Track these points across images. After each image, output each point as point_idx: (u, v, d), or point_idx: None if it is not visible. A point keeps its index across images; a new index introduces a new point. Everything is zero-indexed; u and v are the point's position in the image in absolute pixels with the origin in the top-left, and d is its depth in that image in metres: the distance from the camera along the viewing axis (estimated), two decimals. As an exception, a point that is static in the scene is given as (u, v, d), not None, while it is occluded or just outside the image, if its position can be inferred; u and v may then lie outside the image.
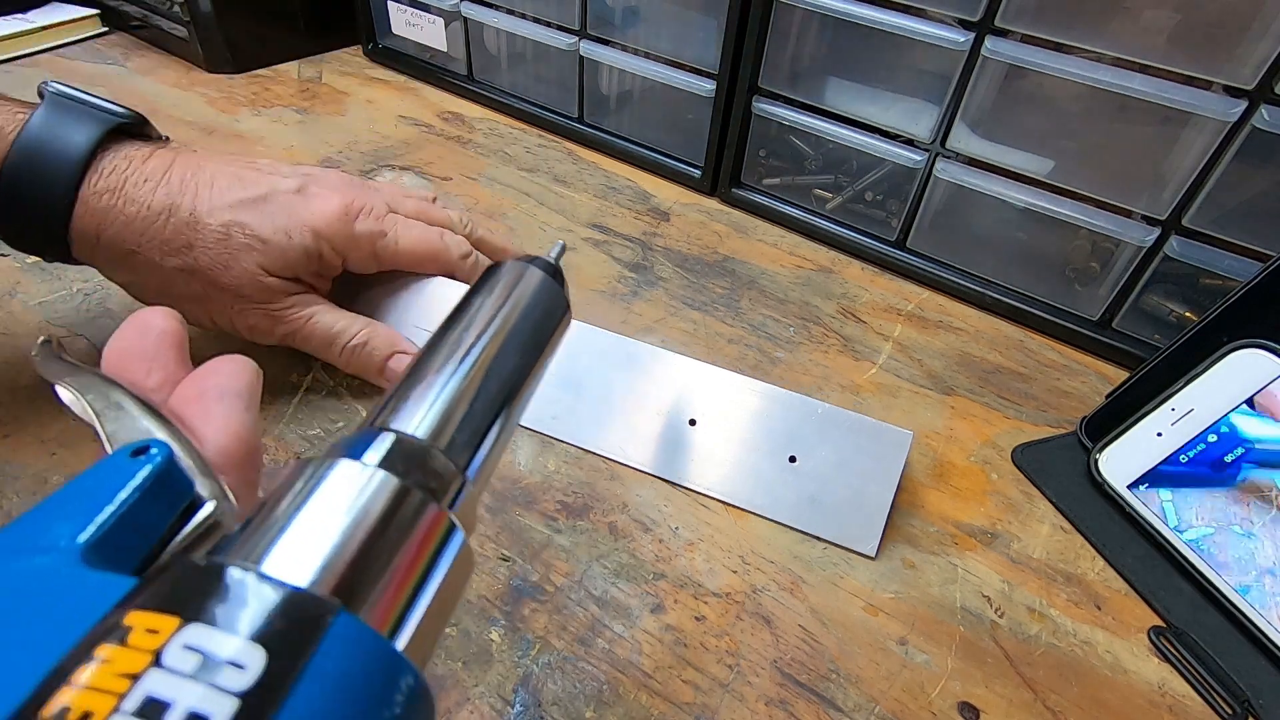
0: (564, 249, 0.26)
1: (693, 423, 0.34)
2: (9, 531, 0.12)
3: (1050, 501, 0.36)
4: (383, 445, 0.15)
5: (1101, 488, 0.35)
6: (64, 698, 0.09)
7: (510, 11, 0.61)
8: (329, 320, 0.35)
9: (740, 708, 0.26)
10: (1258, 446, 0.32)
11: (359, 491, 0.13)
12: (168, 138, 0.35)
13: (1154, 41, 0.37)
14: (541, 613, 0.29)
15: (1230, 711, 0.28)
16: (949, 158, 0.46)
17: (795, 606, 0.30)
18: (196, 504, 0.14)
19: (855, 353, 0.43)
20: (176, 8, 0.64)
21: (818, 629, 0.29)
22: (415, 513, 0.13)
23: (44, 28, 0.67)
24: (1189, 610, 0.31)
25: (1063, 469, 0.37)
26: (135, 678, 0.09)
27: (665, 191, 0.58)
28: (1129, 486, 0.34)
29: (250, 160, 0.36)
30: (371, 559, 0.12)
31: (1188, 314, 0.43)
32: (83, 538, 0.12)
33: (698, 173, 0.57)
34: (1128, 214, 0.42)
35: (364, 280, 0.38)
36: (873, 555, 0.31)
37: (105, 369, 0.18)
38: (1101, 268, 0.45)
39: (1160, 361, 0.36)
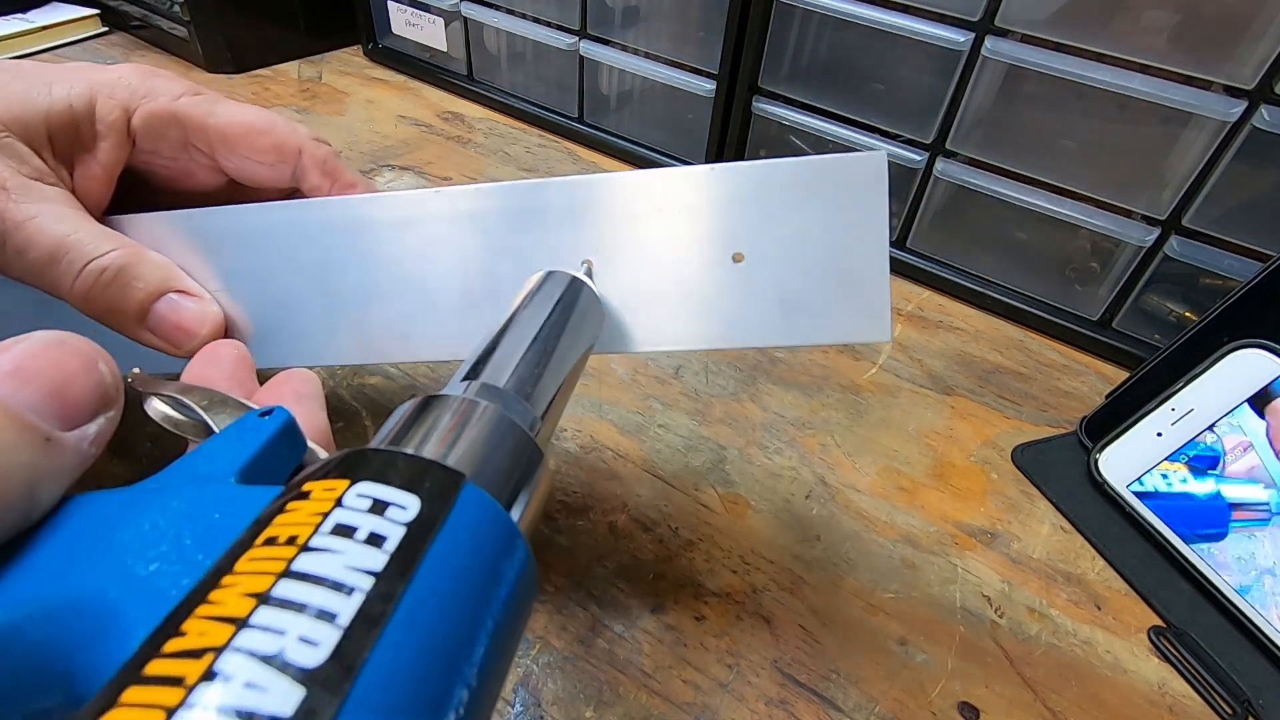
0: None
1: (587, 270, 0.25)
2: (169, 470, 0.15)
3: (1050, 501, 0.36)
4: (479, 387, 0.18)
5: (1101, 488, 0.35)
6: (273, 529, 0.12)
7: (510, 11, 0.61)
8: (63, 226, 0.23)
9: (740, 708, 0.26)
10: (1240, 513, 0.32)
11: (471, 410, 0.16)
12: None
13: (1154, 41, 0.37)
14: (541, 613, 0.29)
15: (1230, 711, 0.28)
16: (949, 158, 0.46)
17: (795, 606, 0.30)
18: (307, 465, 0.16)
19: (855, 353, 0.43)
20: (176, 8, 0.64)
21: (818, 629, 0.29)
22: (511, 428, 0.16)
23: (44, 28, 0.68)
24: (1189, 610, 0.31)
25: (1063, 469, 0.37)
26: (325, 514, 0.12)
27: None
28: (1129, 486, 0.34)
29: None
30: (487, 453, 0.15)
31: (1188, 314, 0.43)
32: (238, 465, 0.14)
33: (698, 173, 0.57)
34: (1128, 214, 0.42)
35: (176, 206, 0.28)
36: (887, 338, 0.24)
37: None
38: (1101, 268, 0.45)
39: (1160, 361, 0.36)
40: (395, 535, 0.12)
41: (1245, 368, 0.33)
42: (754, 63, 0.50)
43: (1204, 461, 0.33)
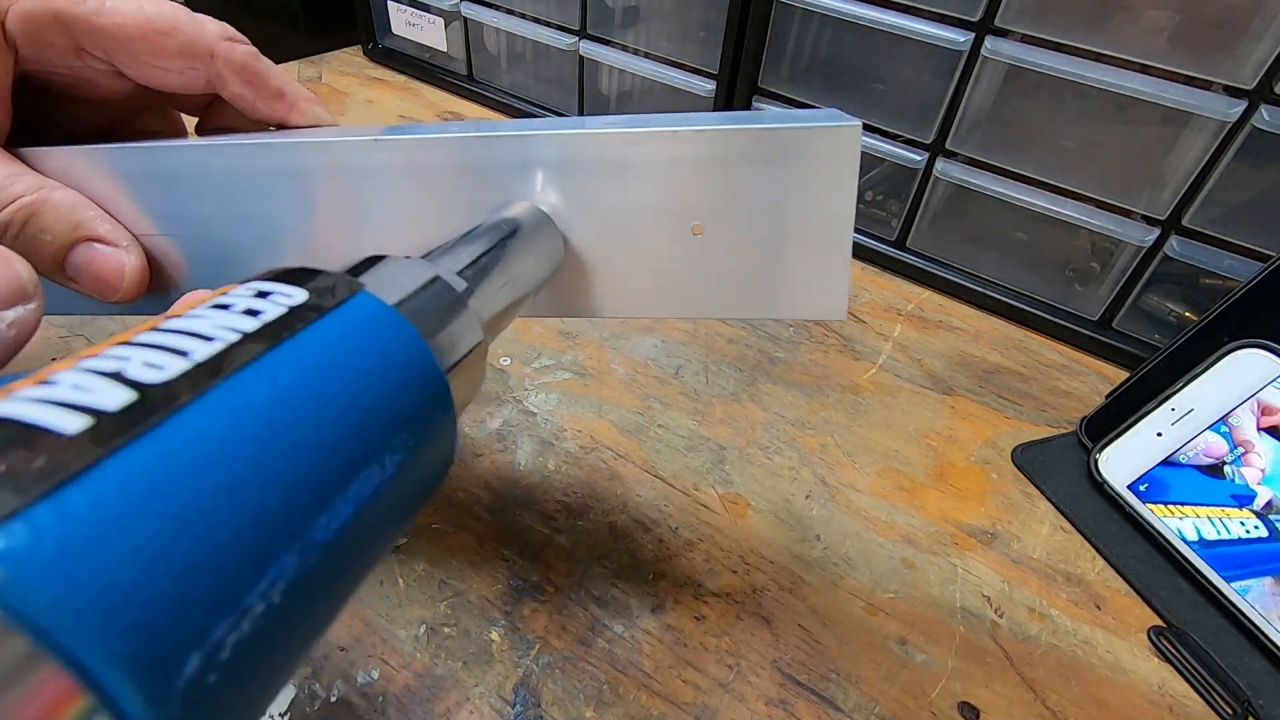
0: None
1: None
2: None
3: (1050, 501, 0.36)
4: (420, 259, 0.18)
5: (1101, 488, 0.35)
6: (159, 316, 0.12)
7: (510, 11, 0.61)
8: None
9: (740, 708, 0.26)
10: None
11: (401, 261, 0.16)
12: None
13: (1154, 41, 0.37)
14: (541, 613, 0.29)
15: (1230, 711, 0.28)
16: (949, 158, 0.46)
17: (795, 606, 0.30)
18: None
19: (855, 353, 0.43)
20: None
21: (818, 629, 0.29)
22: (436, 280, 0.16)
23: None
24: (1189, 610, 0.31)
25: (1063, 469, 0.37)
26: (206, 301, 0.12)
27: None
28: (1129, 486, 0.34)
29: None
30: (404, 287, 0.15)
31: (1188, 314, 0.43)
32: None
33: (698, 173, 0.57)
34: (1128, 214, 0.42)
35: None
36: (842, 316, 0.24)
37: None
38: (1101, 268, 0.45)
39: (1160, 361, 0.36)
40: (273, 312, 0.12)
41: (1245, 368, 0.33)
42: (754, 63, 0.50)
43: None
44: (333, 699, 0.26)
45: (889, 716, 0.27)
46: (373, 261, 0.16)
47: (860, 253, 0.52)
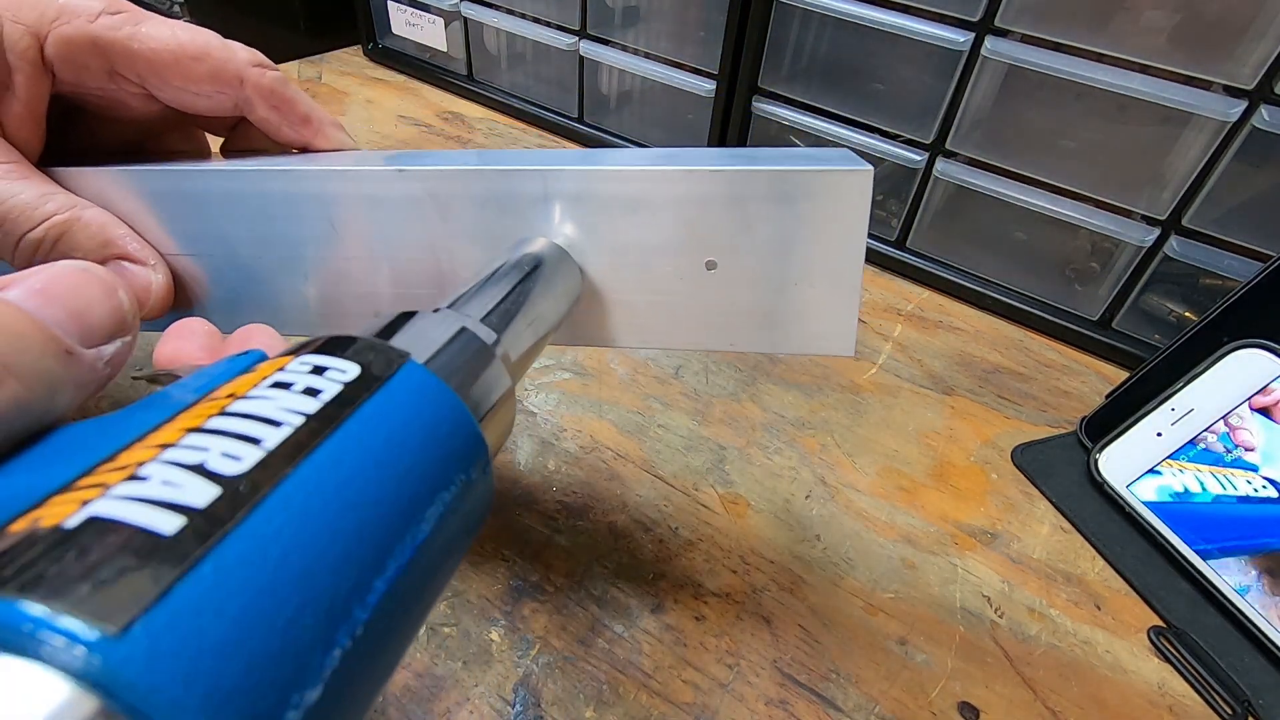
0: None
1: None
2: (147, 399, 0.15)
3: (1050, 501, 0.36)
4: (447, 310, 0.19)
5: (1101, 488, 0.35)
6: (216, 393, 0.12)
7: (510, 11, 0.61)
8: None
9: (740, 708, 0.26)
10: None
11: (433, 317, 0.17)
12: None
13: (1154, 41, 0.37)
14: (541, 613, 0.29)
15: (1230, 711, 0.28)
16: (949, 158, 0.46)
17: (795, 606, 0.30)
18: None
19: (855, 353, 0.43)
20: (176, 8, 0.64)
21: (818, 629, 0.29)
22: (470, 337, 0.17)
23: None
24: (1189, 610, 0.31)
25: (1063, 469, 0.37)
26: (266, 377, 0.13)
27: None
28: (1129, 486, 0.34)
29: None
30: (441, 348, 0.16)
31: (1188, 314, 0.43)
32: (208, 389, 0.15)
33: (698, 173, 0.57)
34: (1128, 214, 0.42)
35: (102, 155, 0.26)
36: (850, 353, 0.24)
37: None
38: (1101, 268, 0.45)
39: (1160, 361, 0.36)
40: (331, 390, 0.12)
41: (1245, 368, 0.33)
42: (754, 63, 0.50)
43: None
44: (333, 699, 0.26)
45: (889, 716, 0.27)
46: (405, 319, 0.16)
47: (860, 253, 0.52)
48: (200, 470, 0.10)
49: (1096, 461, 0.36)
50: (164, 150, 0.29)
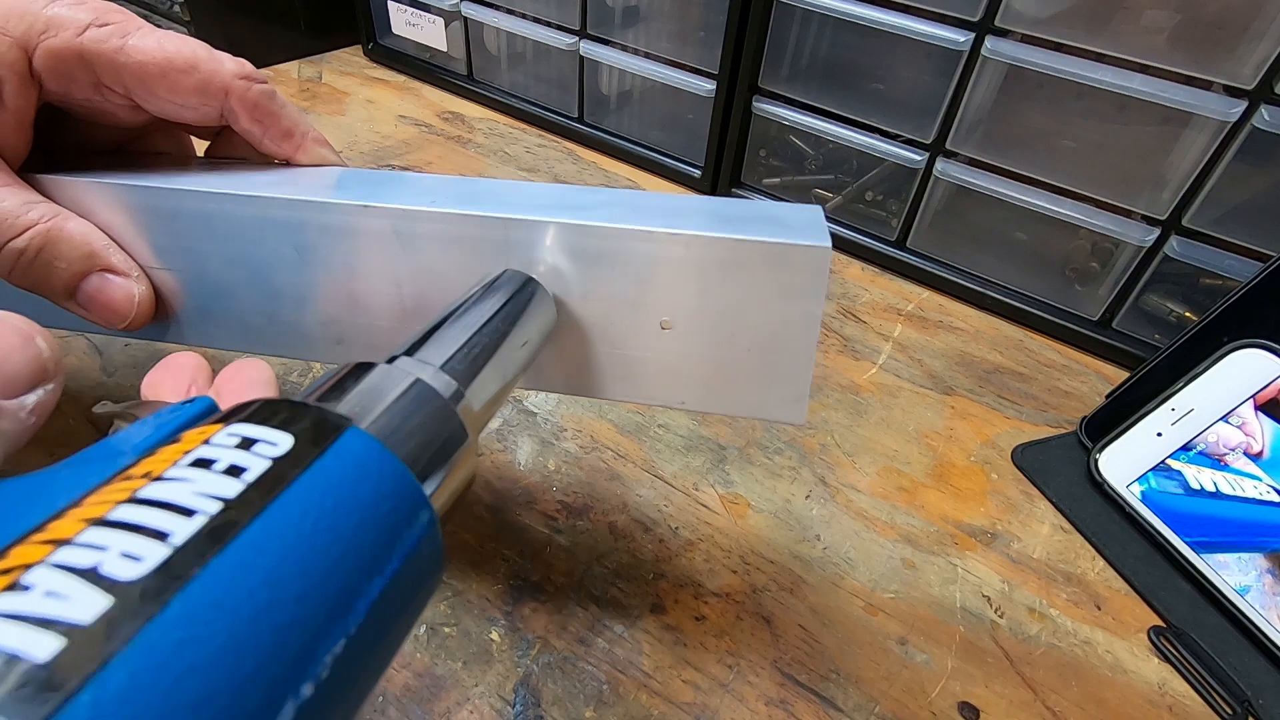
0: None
1: None
2: (84, 452, 0.14)
3: (1050, 501, 0.36)
4: (404, 358, 0.18)
5: (1101, 488, 0.35)
6: (133, 468, 0.11)
7: (510, 11, 0.61)
8: None
9: (740, 708, 0.26)
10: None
11: (386, 372, 0.16)
12: None
13: (1154, 41, 0.37)
14: (541, 613, 0.29)
15: (1230, 711, 0.28)
16: (949, 158, 0.46)
17: (795, 606, 0.30)
18: None
19: (855, 353, 0.43)
20: (176, 8, 0.64)
21: (818, 629, 0.29)
22: (425, 392, 0.16)
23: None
24: (1189, 610, 0.31)
25: (1063, 469, 0.37)
26: (188, 451, 0.11)
27: (666, 191, 0.58)
28: (1129, 486, 0.34)
29: None
30: (390, 409, 0.15)
31: (1188, 314, 0.43)
32: (147, 444, 0.13)
33: (698, 173, 0.57)
34: (1128, 214, 0.42)
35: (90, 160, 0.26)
36: (801, 421, 0.24)
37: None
38: (1101, 268, 0.45)
39: (1160, 361, 0.36)
40: (258, 468, 0.11)
41: (1245, 368, 0.33)
42: (754, 63, 0.50)
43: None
44: (333, 699, 0.26)
45: (889, 716, 0.27)
46: (359, 372, 0.16)
47: (860, 253, 0.52)
48: (92, 576, 0.09)
49: (1096, 461, 0.36)
50: (148, 150, 0.29)
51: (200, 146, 0.30)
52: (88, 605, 0.09)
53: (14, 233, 0.22)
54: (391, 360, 0.18)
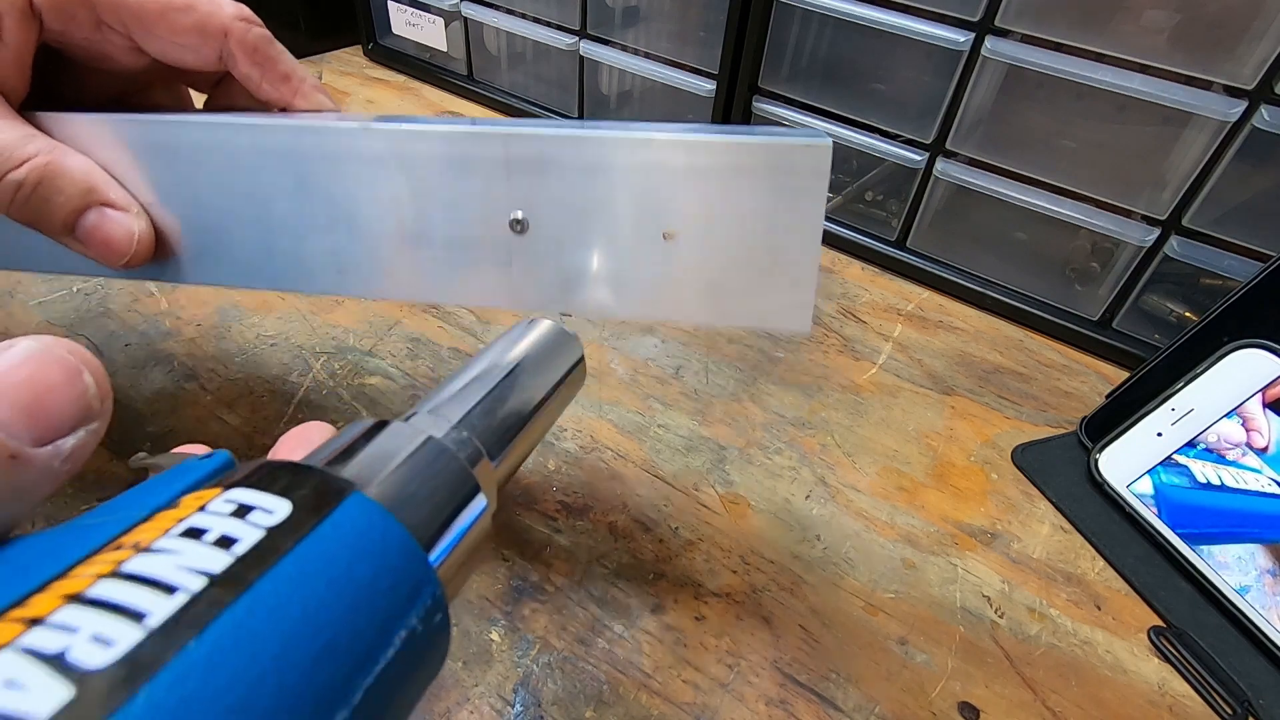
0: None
1: (517, 225, 0.24)
2: (100, 508, 0.13)
3: (1050, 501, 0.36)
4: (426, 416, 0.17)
5: (1101, 488, 0.35)
6: (126, 536, 0.11)
7: (510, 11, 0.61)
8: None
9: (740, 708, 0.26)
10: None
11: (401, 431, 0.15)
12: None
13: (1154, 41, 0.37)
14: (541, 613, 0.29)
15: (1230, 711, 0.28)
16: (949, 158, 0.46)
17: (795, 606, 0.30)
18: None
19: (855, 353, 0.43)
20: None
21: (818, 629, 0.29)
22: (441, 454, 0.15)
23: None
24: (1189, 610, 0.31)
25: (1063, 469, 0.37)
26: (182, 519, 0.11)
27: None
28: (1129, 486, 0.34)
29: None
30: (401, 472, 0.14)
31: (1188, 314, 0.43)
32: (162, 501, 0.13)
33: (698, 173, 0.57)
34: (1128, 214, 0.42)
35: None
36: (806, 329, 0.24)
37: None
38: (1101, 268, 0.45)
39: (1160, 361, 0.36)
40: (250, 539, 0.11)
41: (1245, 368, 0.33)
42: (754, 63, 0.50)
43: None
44: (333, 699, 0.26)
45: (889, 716, 0.27)
46: (373, 433, 0.15)
47: (860, 253, 0.52)
48: (58, 663, 0.08)
49: (1096, 461, 0.36)
50: (148, 104, 0.29)
51: (199, 101, 0.30)
52: (45, 698, 0.08)
53: (13, 164, 0.22)
54: (409, 418, 0.17)
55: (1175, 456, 0.34)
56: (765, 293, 0.24)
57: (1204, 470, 0.33)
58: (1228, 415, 0.33)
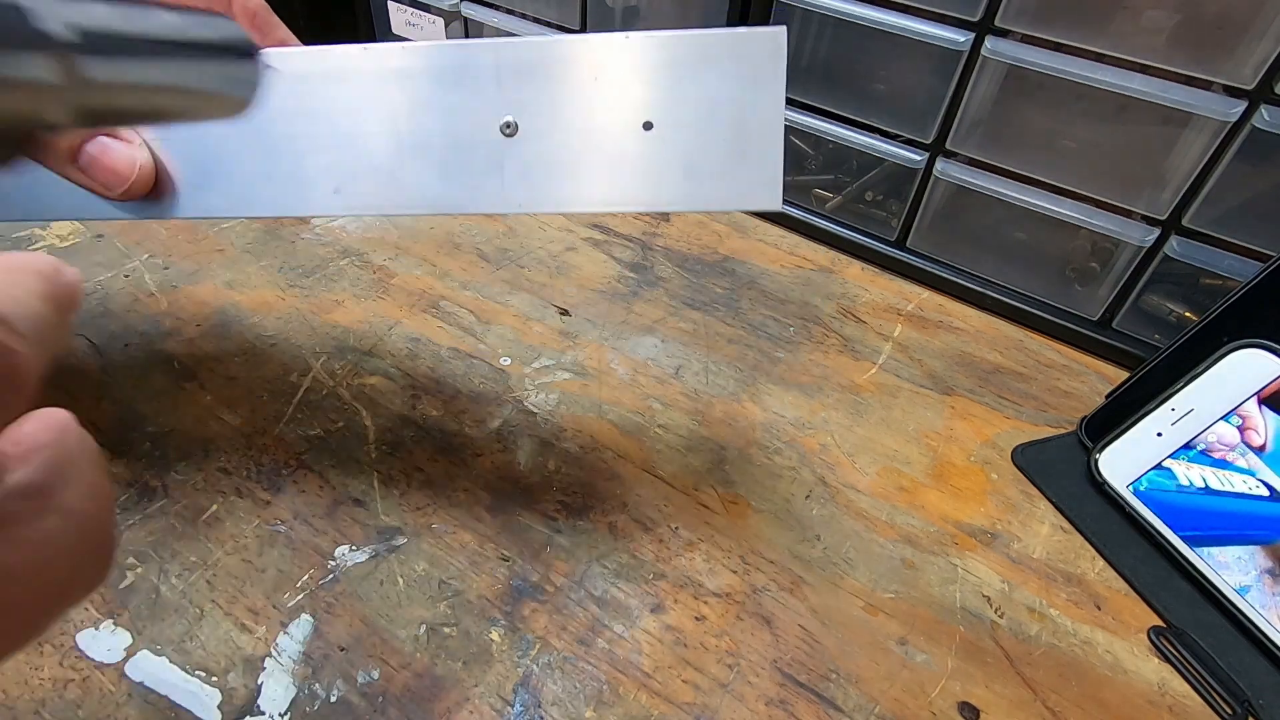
0: None
1: (508, 129, 0.26)
2: None
3: (1050, 501, 0.36)
4: None
5: (1101, 488, 0.35)
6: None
7: (510, 11, 0.61)
8: None
9: (740, 708, 0.26)
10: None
11: None
12: None
13: (1154, 41, 0.37)
14: (541, 613, 0.29)
15: (1230, 711, 0.28)
16: (949, 158, 0.46)
17: (795, 606, 0.30)
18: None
19: (855, 353, 0.43)
20: (176, 7, 0.64)
21: (818, 629, 0.29)
22: None
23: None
24: (1189, 610, 0.31)
25: (1063, 469, 0.37)
26: None
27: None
28: (1129, 486, 0.34)
29: None
30: None
31: (1188, 314, 0.43)
32: None
33: (698, 173, 0.57)
34: (1128, 214, 0.42)
35: None
36: (777, 206, 0.26)
37: None
38: (1101, 268, 0.45)
39: (1160, 361, 0.36)
40: None
41: (1245, 368, 0.33)
42: (754, 63, 0.50)
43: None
44: (332, 699, 0.26)
45: (889, 716, 0.27)
46: None
47: (860, 253, 0.52)
48: None
49: (1096, 461, 0.36)
50: None
51: None
52: None
53: None
54: None
55: (1176, 457, 0.34)
56: (737, 173, 0.26)
57: (1202, 471, 0.33)
58: (1227, 416, 0.33)
